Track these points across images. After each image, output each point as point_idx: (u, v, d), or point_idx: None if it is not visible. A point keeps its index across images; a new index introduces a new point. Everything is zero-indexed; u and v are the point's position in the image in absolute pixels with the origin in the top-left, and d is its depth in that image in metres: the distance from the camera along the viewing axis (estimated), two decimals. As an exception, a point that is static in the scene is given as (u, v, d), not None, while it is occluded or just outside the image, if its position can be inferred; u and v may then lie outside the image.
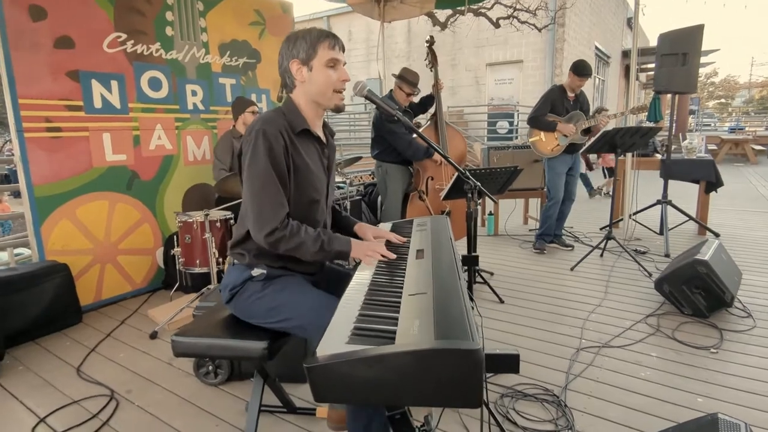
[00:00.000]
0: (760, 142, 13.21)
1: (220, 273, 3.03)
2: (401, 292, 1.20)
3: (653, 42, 5.16)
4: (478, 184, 1.90)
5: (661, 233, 4.59)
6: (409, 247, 1.64)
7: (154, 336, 2.73)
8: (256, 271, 1.50)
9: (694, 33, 4.16)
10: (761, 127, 21.35)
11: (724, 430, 1.17)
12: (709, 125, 25.23)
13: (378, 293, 1.22)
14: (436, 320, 0.96)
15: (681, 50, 4.18)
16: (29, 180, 2.85)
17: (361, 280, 1.33)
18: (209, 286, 2.98)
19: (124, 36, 3.20)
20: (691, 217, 4.74)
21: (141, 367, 2.41)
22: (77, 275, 3.04)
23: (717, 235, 4.72)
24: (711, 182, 4.78)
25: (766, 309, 2.93)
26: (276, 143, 1.40)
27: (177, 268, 3.14)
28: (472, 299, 1.31)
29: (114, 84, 3.18)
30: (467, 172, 1.88)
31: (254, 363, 1.74)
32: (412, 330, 0.93)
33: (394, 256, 1.48)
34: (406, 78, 3.63)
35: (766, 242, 4.54)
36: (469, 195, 1.92)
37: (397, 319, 1.04)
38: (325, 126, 1.66)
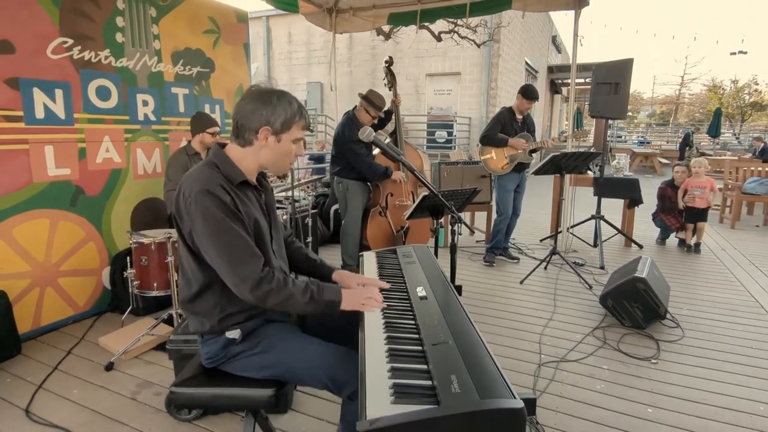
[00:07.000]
0: (665, 155, 14.78)
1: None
2: (421, 339, 1.25)
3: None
4: (461, 216, 1.99)
5: (595, 245, 5.01)
6: (405, 282, 1.70)
7: (110, 368, 2.55)
8: (231, 334, 1.43)
9: (625, 65, 4.61)
10: (663, 140, 23.84)
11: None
12: (620, 137, 27.66)
13: (398, 341, 1.26)
14: (472, 375, 1.03)
15: (614, 80, 4.60)
16: (-41, 198, 2.56)
17: (372, 324, 1.36)
18: (170, 311, 2.84)
19: (70, 41, 2.95)
20: (620, 231, 5.21)
21: (101, 405, 2.25)
22: (13, 301, 2.76)
23: (640, 246, 5.23)
24: (634, 199, 5.29)
25: (690, 319, 3.32)
26: (224, 197, 1.35)
27: (129, 290, 2.95)
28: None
29: (58, 93, 2.92)
30: (453, 208, 1.96)
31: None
32: (453, 387, 0.99)
33: (385, 304, 1.44)
34: (373, 102, 3.67)
35: (680, 254, 5.10)
36: (454, 229, 2.00)
37: (429, 371, 1.10)
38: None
